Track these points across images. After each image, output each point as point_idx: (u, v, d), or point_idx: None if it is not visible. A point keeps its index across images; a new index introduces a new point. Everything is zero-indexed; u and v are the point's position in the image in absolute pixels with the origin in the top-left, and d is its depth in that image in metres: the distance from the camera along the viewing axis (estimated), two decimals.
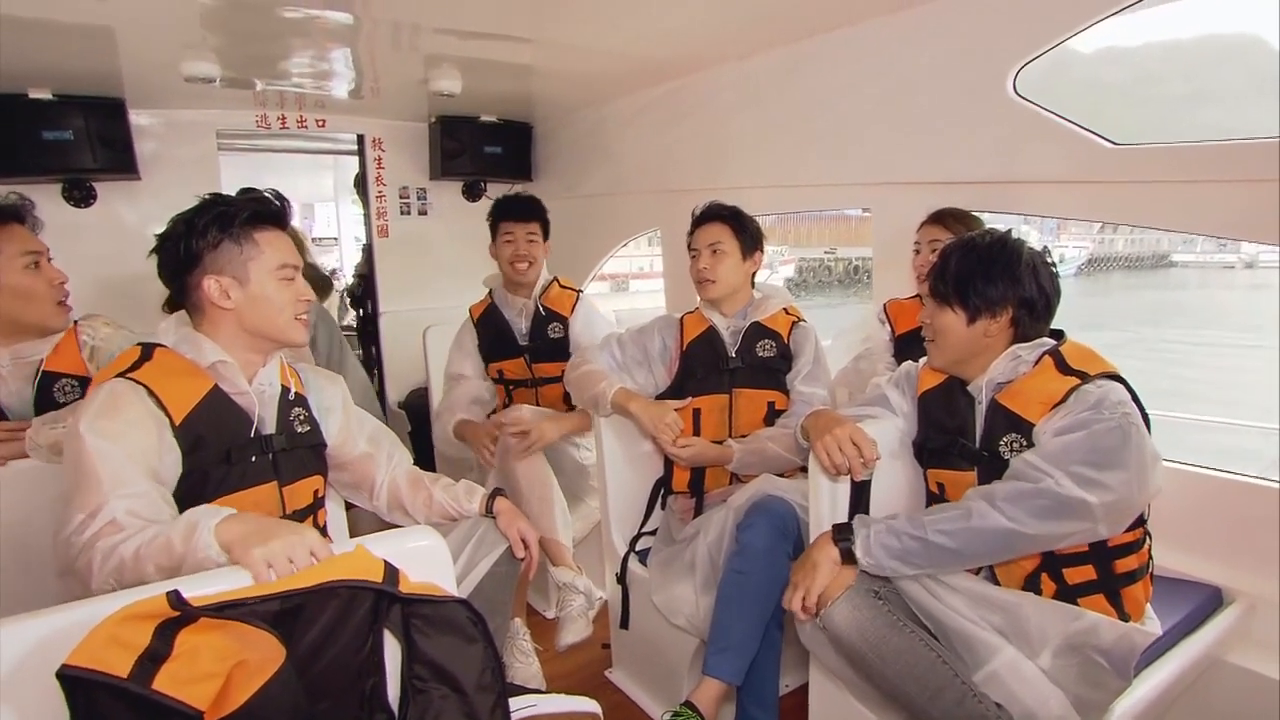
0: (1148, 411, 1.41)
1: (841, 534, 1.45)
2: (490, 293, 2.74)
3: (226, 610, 0.94)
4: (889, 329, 2.24)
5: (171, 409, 1.32)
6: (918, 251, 2.16)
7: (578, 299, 2.70)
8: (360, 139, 3.97)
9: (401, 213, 4.08)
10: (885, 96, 2.38)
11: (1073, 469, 1.31)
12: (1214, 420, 2.95)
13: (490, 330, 2.66)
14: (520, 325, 2.65)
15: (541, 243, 2.63)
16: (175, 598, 0.90)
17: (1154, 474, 1.36)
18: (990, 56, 2.07)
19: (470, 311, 2.72)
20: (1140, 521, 1.46)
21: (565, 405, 2.61)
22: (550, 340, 2.63)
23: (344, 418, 1.65)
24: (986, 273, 1.47)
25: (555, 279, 2.73)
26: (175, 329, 1.43)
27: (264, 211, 1.43)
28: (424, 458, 3.40)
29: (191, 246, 1.38)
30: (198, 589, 0.95)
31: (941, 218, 2.11)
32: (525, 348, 2.64)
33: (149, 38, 2.42)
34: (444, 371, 2.75)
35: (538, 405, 2.68)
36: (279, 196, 1.48)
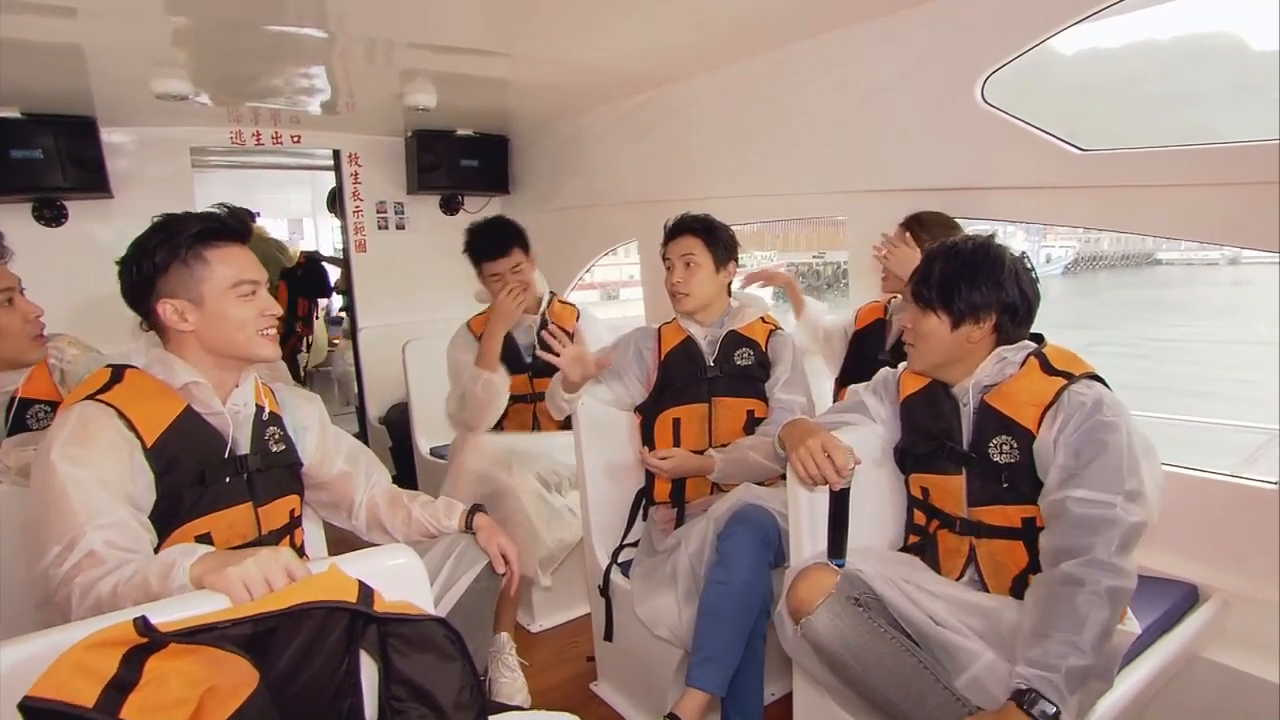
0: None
1: (1028, 701, 1.23)
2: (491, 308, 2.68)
3: (197, 635, 0.92)
4: (852, 323, 2.33)
5: (143, 431, 1.30)
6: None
7: (579, 315, 2.69)
8: (336, 154, 3.96)
9: (379, 227, 4.08)
10: (857, 105, 2.40)
11: (1127, 488, 1.32)
12: (1187, 419, 2.97)
13: (504, 346, 2.58)
14: (525, 342, 2.60)
15: (528, 263, 2.57)
16: (143, 624, 0.88)
17: (1145, 455, 1.38)
18: (958, 65, 2.10)
19: (471, 326, 2.63)
20: None
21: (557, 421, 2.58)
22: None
23: (321, 436, 1.63)
24: (971, 278, 1.47)
25: (554, 294, 2.72)
26: (146, 349, 1.40)
27: (213, 228, 1.39)
28: (405, 473, 3.39)
29: (143, 271, 1.35)
30: (168, 614, 0.93)
31: (913, 223, 2.14)
32: (530, 365, 2.60)
33: (119, 56, 2.41)
34: (453, 380, 2.61)
35: (535, 420, 2.66)
36: (233, 211, 1.46)
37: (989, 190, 2.16)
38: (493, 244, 2.53)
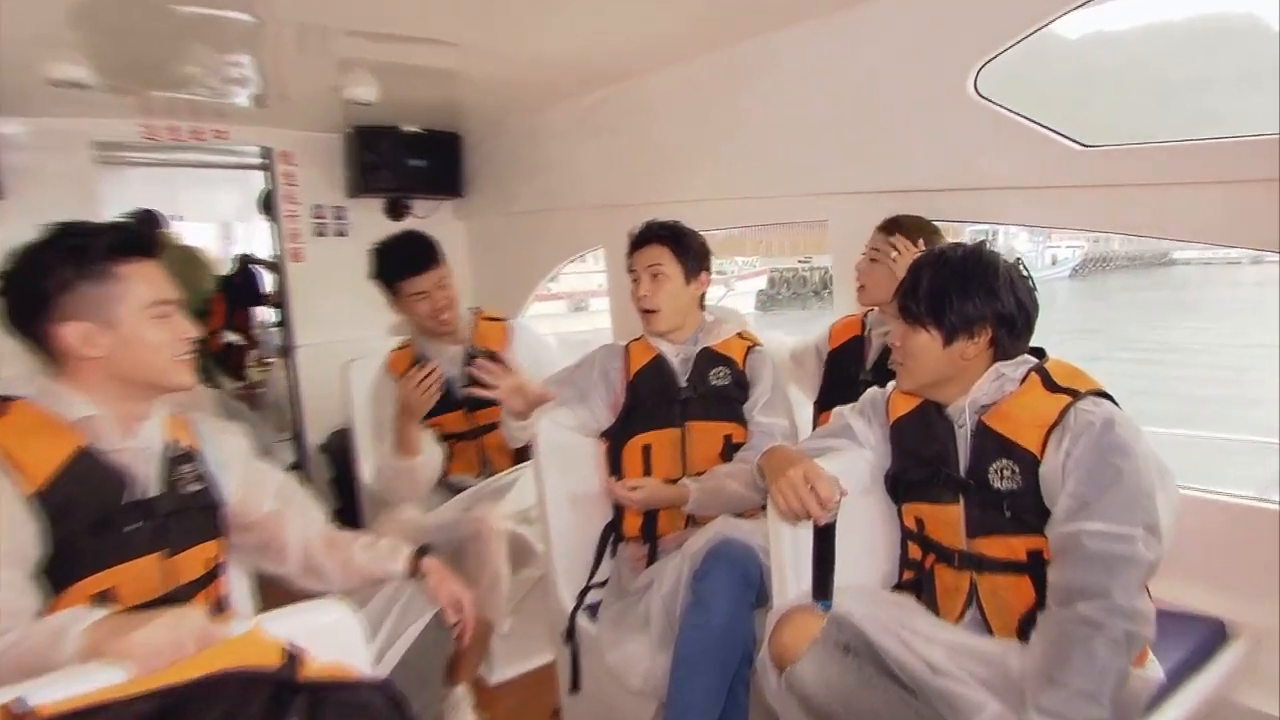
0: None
1: None
2: (409, 342, 2.64)
3: (86, 717, 0.86)
4: (826, 340, 2.34)
5: (28, 473, 1.24)
6: (873, 261, 2.21)
7: (508, 330, 2.65)
8: (267, 152, 3.89)
9: (316, 234, 4.01)
10: (839, 99, 2.41)
11: (1145, 519, 1.31)
12: (1210, 435, 2.95)
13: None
14: (453, 374, 2.53)
15: (452, 277, 2.54)
16: (19, 705, 0.83)
17: (1158, 475, 1.37)
18: (949, 55, 2.11)
19: (390, 366, 2.57)
20: None
21: (509, 452, 2.57)
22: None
23: (245, 472, 1.58)
24: (963, 289, 1.47)
25: (477, 311, 2.67)
26: (31, 378, 1.34)
27: (126, 240, 1.35)
28: (348, 507, 3.31)
29: (41, 289, 1.29)
30: (51, 692, 0.88)
31: (892, 226, 2.15)
32: (462, 401, 2.54)
33: (7, 35, 2.31)
34: (374, 432, 2.57)
35: (483, 457, 2.63)
36: (148, 219, 1.41)
37: (983, 191, 2.17)
38: (415, 257, 2.48)
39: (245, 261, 5.01)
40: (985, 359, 1.51)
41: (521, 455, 2.53)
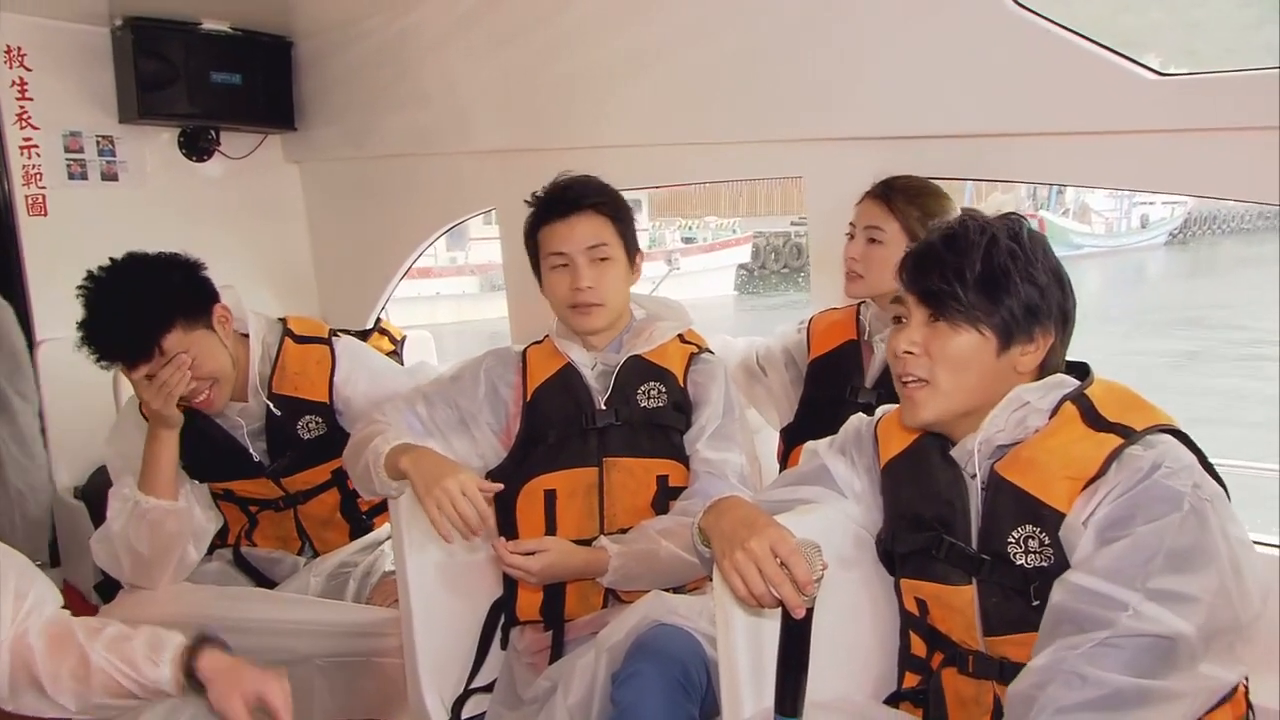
0: (1222, 477, 1.41)
1: None
2: None
3: None
4: (805, 350, 2.39)
5: None
6: (851, 237, 2.24)
7: (330, 350, 2.54)
8: None
9: (71, 176, 3.86)
10: (821, 10, 2.42)
11: (1152, 584, 1.28)
12: None
13: (195, 441, 2.41)
14: (243, 435, 2.45)
15: (227, 319, 2.36)
16: None
17: (1251, 568, 1.35)
18: None
19: (144, 410, 2.37)
20: None
21: (343, 517, 2.55)
22: (307, 443, 2.49)
23: None
24: (1024, 266, 1.44)
25: (284, 332, 2.53)
26: None
27: None
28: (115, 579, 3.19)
29: None
30: None
31: (888, 192, 2.18)
32: (266, 468, 2.48)
33: None
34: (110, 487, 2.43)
35: (298, 526, 2.58)
36: None
37: (1016, 138, 2.21)
38: (121, 344, 2.22)
39: None
40: (1034, 375, 1.50)
41: (373, 512, 2.57)
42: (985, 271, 1.44)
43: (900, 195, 2.16)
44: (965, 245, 1.46)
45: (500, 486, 2.01)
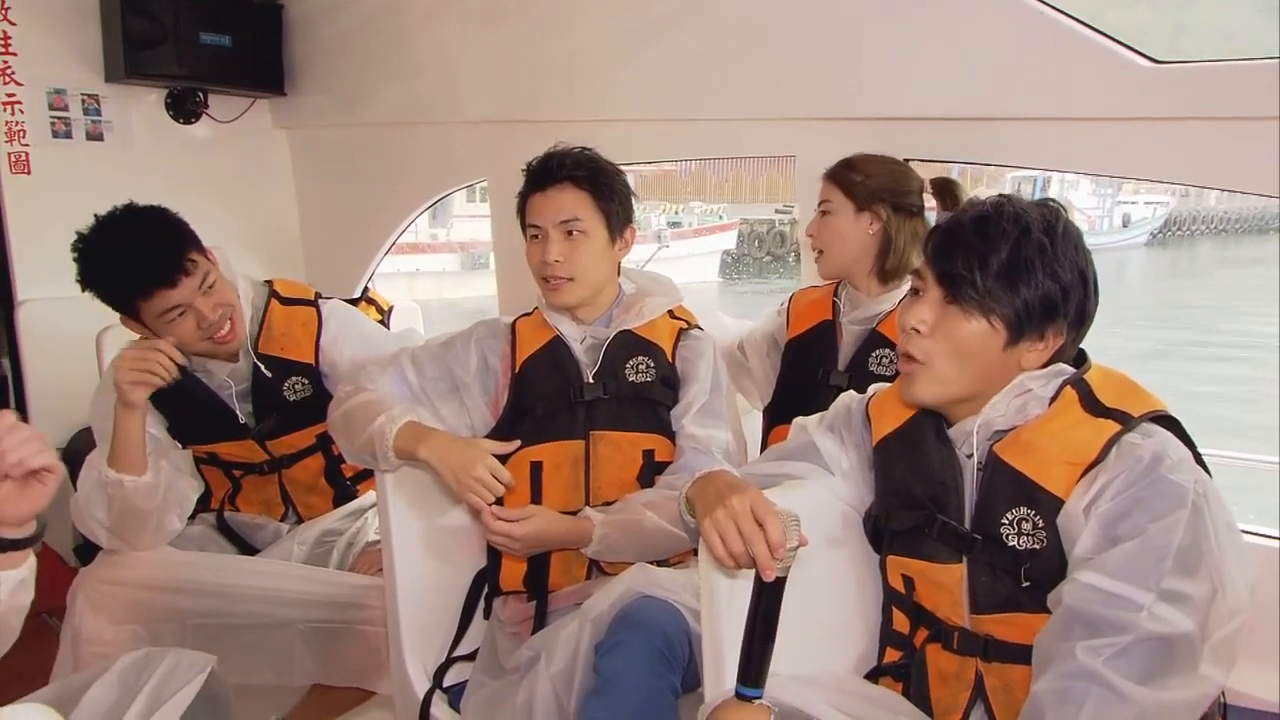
0: (1206, 462, 1.42)
1: None
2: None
3: None
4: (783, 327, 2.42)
5: None
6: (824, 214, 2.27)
7: (317, 312, 2.54)
8: None
9: (55, 134, 3.83)
10: None
11: (1165, 585, 1.28)
12: None
13: (181, 403, 2.40)
14: (231, 396, 2.45)
15: (213, 266, 2.33)
16: None
17: (1241, 562, 1.36)
18: None
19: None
20: None
21: (327, 482, 2.55)
22: (293, 405, 2.49)
23: None
24: (1050, 263, 1.42)
25: (270, 294, 2.54)
26: None
27: None
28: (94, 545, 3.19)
29: None
30: None
31: (836, 168, 2.23)
32: (252, 429, 2.48)
33: None
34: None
35: (282, 490, 2.58)
36: None
37: (1009, 123, 2.21)
38: (154, 262, 2.23)
39: None
40: (1038, 369, 1.49)
41: (357, 479, 2.57)
42: (1010, 262, 1.42)
43: (843, 166, 2.20)
44: (996, 233, 1.43)
45: (517, 443, 2.07)
